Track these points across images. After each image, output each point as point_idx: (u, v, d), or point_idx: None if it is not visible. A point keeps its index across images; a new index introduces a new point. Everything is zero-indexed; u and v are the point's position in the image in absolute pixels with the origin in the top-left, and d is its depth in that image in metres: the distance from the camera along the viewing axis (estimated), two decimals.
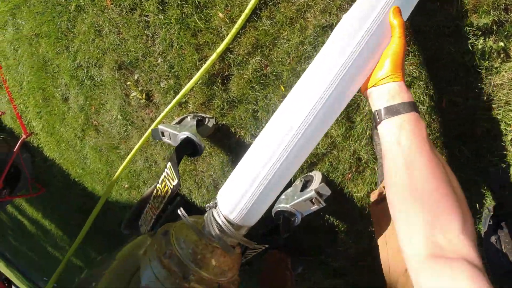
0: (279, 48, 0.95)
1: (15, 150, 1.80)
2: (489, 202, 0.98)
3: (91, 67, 1.29)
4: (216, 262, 0.65)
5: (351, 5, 0.82)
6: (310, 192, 1.00)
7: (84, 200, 1.90)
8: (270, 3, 0.91)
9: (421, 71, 0.85)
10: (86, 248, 2.34)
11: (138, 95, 1.22)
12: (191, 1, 0.97)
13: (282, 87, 0.99)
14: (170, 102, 1.12)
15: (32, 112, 1.72)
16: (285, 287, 1.17)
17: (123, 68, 1.21)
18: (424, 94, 0.88)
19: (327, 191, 0.99)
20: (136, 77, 1.21)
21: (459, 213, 0.47)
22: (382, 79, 0.58)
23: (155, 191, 1.13)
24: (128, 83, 1.23)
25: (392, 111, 0.55)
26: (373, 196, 0.98)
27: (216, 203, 0.70)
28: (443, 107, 0.88)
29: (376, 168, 1.02)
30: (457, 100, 0.85)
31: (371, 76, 0.60)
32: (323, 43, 0.89)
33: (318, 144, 1.04)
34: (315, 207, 1.02)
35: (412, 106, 0.56)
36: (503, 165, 0.89)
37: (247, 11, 0.89)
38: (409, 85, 0.88)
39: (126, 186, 1.61)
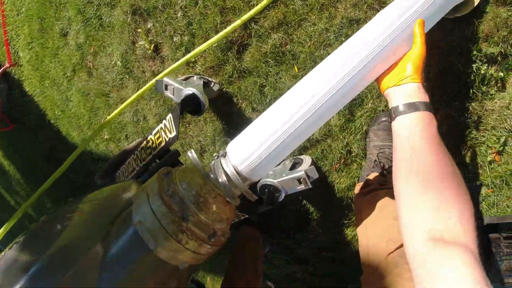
0: (303, 30, 0.99)
1: None
2: None
3: (102, 5, 1.26)
4: (216, 209, 0.68)
5: (380, 5, 0.89)
6: (299, 172, 1.05)
7: (54, 144, 1.83)
8: None
9: (429, 80, 0.93)
10: (43, 199, 2.24)
11: (146, 45, 1.21)
12: None
13: (296, 67, 1.04)
14: (179, 59, 1.13)
15: (22, 42, 1.64)
16: (255, 263, 1.21)
17: (137, 14, 1.20)
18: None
19: (315, 174, 1.04)
20: (149, 26, 1.20)
21: (461, 202, 0.54)
22: (404, 79, 0.64)
23: (145, 142, 1.13)
24: (138, 30, 1.22)
25: (410, 107, 0.62)
26: (358, 187, 1.05)
27: (225, 153, 0.73)
28: (438, 120, 0.96)
29: (363, 164, 1.10)
30: (453, 114, 0.94)
31: (392, 76, 0.66)
32: (346, 35, 0.95)
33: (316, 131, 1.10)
34: (301, 187, 1.07)
35: (428, 106, 0.63)
36: (477, 183, 1.00)
37: None
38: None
39: (105, 137, 1.58)
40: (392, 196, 0.94)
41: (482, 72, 0.87)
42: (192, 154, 0.71)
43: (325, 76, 0.69)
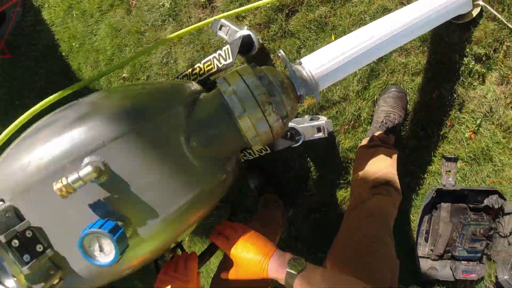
0: (346, 8, 1.26)
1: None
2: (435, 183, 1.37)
3: None
4: (292, 98, 0.86)
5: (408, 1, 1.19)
6: (320, 121, 1.27)
7: (54, 80, 1.81)
8: None
9: (431, 65, 1.23)
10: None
11: None
12: None
13: (333, 37, 1.29)
14: (230, 10, 1.31)
15: None
16: (277, 229, 1.34)
17: None
18: (425, 84, 1.26)
19: (331, 127, 1.26)
20: None
21: None
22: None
23: (190, 69, 1.26)
24: None
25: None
26: (364, 141, 1.29)
27: (300, 62, 0.93)
28: (433, 97, 1.27)
29: (368, 128, 1.35)
30: (444, 94, 1.25)
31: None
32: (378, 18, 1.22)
33: (335, 92, 1.34)
34: (318, 135, 1.27)
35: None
36: (454, 155, 1.30)
37: None
38: (418, 72, 1.25)
39: (124, 75, 1.64)
40: (388, 153, 1.20)
41: (471, 66, 1.20)
42: (281, 52, 0.89)
43: (383, 26, 0.95)
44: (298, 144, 1.31)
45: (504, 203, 1.28)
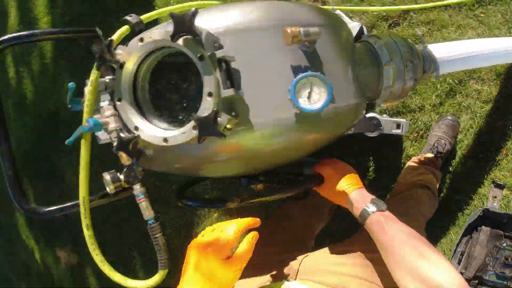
0: (442, 33, 1.48)
1: None
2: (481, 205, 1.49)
3: None
4: (421, 71, 1.00)
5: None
6: (402, 120, 1.41)
7: None
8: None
9: (499, 98, 1.43)
10: None
11: None
12: None
13: None
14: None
15: None
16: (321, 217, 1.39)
17: None
18: (492, 112, 1.45)
19: (407, 128, 1.41)
20: None
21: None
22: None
23: None
24: None
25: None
26: (414, 158, 1.43)
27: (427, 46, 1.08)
28: (497, 125, 1.45)
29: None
30: (507, 125, 1.43)
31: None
32: None
33: (413, 100, 1.50)
34: (396, 131, 1.41)
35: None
36: (502, 182, 1.44)
37: (445, 2, 1.44)
38: (489, 101, 1.44)
39: None
40: (431, 170, 1.35)
41: None
42: (418, 32, 1.05)
43: (492, 43, 1.15)
44: (375, 134, 1.43)
45: None
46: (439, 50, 1.11)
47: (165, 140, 0.64)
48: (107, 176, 0.69)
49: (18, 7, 2.39)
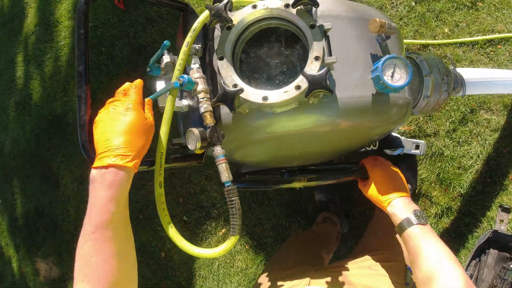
0: None
1: None
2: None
3: None
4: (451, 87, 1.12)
5: None
6: (421, 141, 1.52)
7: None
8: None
9: (505, 127, 1.57)
10: None
11: None
12: (436, 12, 1.68)
13: None
14: None
15: None
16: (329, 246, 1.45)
17: None
18: (500, 140, 1.58)
19: (424, 150, 1.52)
20: None
21: None
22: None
23: None
24: None
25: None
26: None
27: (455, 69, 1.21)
28: (503, 152, 1.58)
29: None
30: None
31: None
32: None
33: (428, 126, 1.62)
34: (415, 151, 1.53)
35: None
36: (509, 206, 1.54)
37: (461, 40, 1.62)
38: (497, 129, 1.58)
39: None
40: None
41: None
42: (449, 56, 1.18)
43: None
44: (396, 153, 1.53)
45: None
46: (466, 72, 1.24)
47: (265, 98, 0.68)
48: (195, 131, 0.70)
49: (38, 9, 2.42)
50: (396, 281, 0.84)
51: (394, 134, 1.54)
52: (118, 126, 0.61)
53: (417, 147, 1.52)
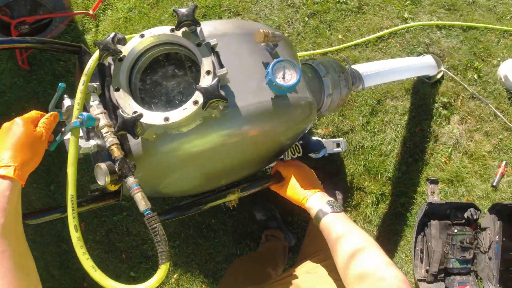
0: None
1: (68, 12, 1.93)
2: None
3: (227, 11, 1.92)
4: (350, 82, 1.24)
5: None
6: (340, 139, 1.63)
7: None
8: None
9: (416, 107, 1.76)
10: None
11: None
12: (328, 23, 1.87)
13: None
14: None
15: (120, 3, 2.01)
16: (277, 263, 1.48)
17: None
18: (410, 121, 1.75)
19: (345, 146, 1.64)
20: None
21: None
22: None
23: None
24: None
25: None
26: None
27: (350, 66, 1.35)
28: (416, 131, 1.75)
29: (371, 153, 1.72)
30: (424, 129, 1.74)
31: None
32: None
33: (345, 124, 1.74)
34: (337, 149, 1.63)
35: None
36: (435, 178, 1.70)
37: (355, 42, 1.80)
38: (405, 113, 1.75)
39: None
40: None
41: (440, 110, 1.75)
42: (344, 57, 1.32)
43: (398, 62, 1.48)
44: (321, 154, 1.62)
45: (480, 214, 1.63)
46: (361, 68, 1.38)
47: (166, 118, 0.69)
48: (103, 166, 0.69)
49: None
50: (335, 277, 0.86)
51: (315, 138, 1.63)
52: (1, 139, 0.65)
53: (338, 145, 1.62)
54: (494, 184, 1.71)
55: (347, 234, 0.74)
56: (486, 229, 1.67)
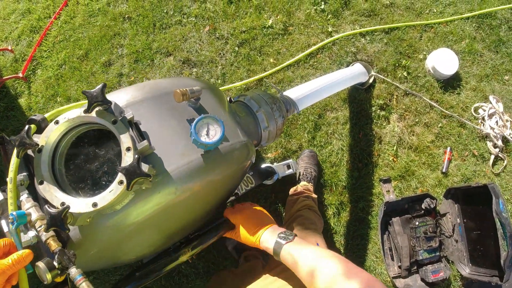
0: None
1: None
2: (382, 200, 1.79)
3: (158, 53, 1.95)
4: (284, 110, 1.30)
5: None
6: (289, 160, 1.69)
7: None
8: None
9: (353, 115, 1.86)
10: None
11: None
12: (258, 49, 1.95)
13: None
14: None
15: (51, 63, 1.99)
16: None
17: (186, 63, 1.93)
18: (352, 128, 1.85)
19: (296, 167, 1.69)
20: (193, 71, 1.92)
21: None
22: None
23: None
24: (183, 72, 1.91)
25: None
26: (291, 191, 1.70)
27: (282, 94, 1.41)
28: (360, 137, 1.84)
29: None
30: (367, 133, 1.84)
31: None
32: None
33: (292, 143, 1.81)
34: (289, 171, 1.68)
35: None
36: (387, 177, 1.79)
37: (286, 63, 1.89)
38: (346, 122, 1.85)
39: None
40: (307, 197, 1.64)
41: (378, 112, 1.86)
42: (271, 83, 1.38)
43: (325, 79, 1.57)
44: (274, 180, 1.67)
45: (436, 202, 1.74)
46: (293, 92, 1.45)
47: (95, 204, 0.70)
48: (41, 265, 0.68)
49: None
50: (298, 284, 0.89)
51: (265, 165, 1.68)
52: None
53: (288, 167, 1.68)
54: (444, 170, 1.84)
55: (302, 258, 0.78)
56: (446, 215, 1.78)
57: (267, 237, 0.85)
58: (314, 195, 1.63)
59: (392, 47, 1.97)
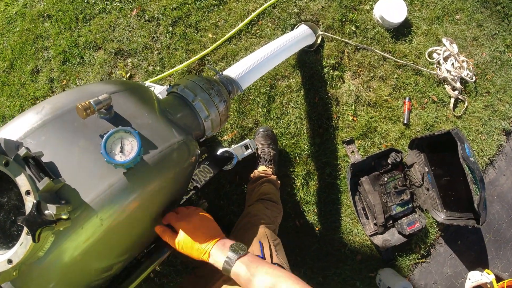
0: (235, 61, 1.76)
1: None
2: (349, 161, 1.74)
3: (87, 49, 1.77)
4: (226, 92, 1.18)
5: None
6: (246, 140, 1.60)
7: None
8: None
9: (306, 79, 1.76)
10: None
11: (122, 73, 1.73)
12: (193, 25, 1.78)
13: None
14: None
15: None
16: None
17: (119, 54, 1.75)
18: (307, 94, 1.76)
19: (255, 146, 1.60)
20: (128, 61, 1.75)
21: None
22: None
23: None
24: (118, 64, 1.74)
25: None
26: (252, 175, 1.61)
27: (222, 73, 1.29)
28: (316, 102, 1.76)
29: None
30: (323, 97, 1.76)
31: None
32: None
33: (248, 120, 1.71)
34: (248, 151, 1.59)
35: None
36: (349, 138, 1.74)
37: (227, 36, 1.74)
38: (300, 88, 1.76)
39: None
40: (268, 181, 1.55)
41: (331, 73, 1.77)
42: (209, 65, 1.25)
43: (268, 47, 1.44)
44: (233, 165, 1.58)
45: (402, 155, 1.71)
46: (234, 70, 1.33)
47: (10, 261, 0.61)
48: None
49: None
50: None
51: (222, 150, 1.58)
52: None
53: (246, 147, 1.59)
54: (405, 122, 1.80)
55: (256, 275, 0.72)
56: (413, 165, 1.76)
57: (216, 252, 0.77)
58: (273, 176, 1.55)
59: (337, 1, 1.84)
